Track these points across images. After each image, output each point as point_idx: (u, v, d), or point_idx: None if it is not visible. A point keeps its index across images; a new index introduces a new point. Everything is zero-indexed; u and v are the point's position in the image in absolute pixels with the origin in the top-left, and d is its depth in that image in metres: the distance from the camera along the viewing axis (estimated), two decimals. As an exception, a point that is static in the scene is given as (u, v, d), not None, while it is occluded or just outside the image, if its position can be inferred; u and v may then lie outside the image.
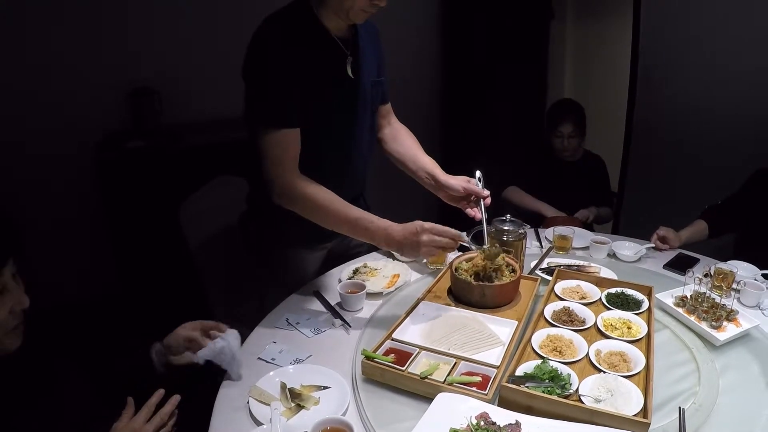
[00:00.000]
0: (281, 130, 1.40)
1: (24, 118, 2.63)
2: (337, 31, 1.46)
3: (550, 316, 1.43)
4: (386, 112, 1.76)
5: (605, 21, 3.59)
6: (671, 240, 1.93)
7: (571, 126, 2.62)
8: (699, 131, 2.88)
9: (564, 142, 2.64)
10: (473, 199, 1.57)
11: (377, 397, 1.20)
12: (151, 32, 2.80)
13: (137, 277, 2.80)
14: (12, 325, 0.99)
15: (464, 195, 1.58)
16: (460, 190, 1.57)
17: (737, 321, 1.43)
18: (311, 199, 1.41)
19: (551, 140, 2.68)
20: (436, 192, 1.64)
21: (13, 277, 1.00)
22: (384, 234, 1.38)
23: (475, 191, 1.56)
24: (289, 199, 1.44)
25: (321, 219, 1.45)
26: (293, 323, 1.50)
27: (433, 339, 1.34)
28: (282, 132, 1.40)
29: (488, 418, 1.06)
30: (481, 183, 1.58)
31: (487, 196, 1.55)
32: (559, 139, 2.64)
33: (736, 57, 2.69)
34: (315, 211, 1.43)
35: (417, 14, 3.58)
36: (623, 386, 1.15)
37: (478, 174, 1.59)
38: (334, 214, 1.41)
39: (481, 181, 1.58)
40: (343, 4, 1.37)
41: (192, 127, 2.91)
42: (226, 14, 2.96)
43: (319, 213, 1.43)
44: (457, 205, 1.61)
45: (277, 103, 1.39)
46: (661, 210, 2.01)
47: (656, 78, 3.08)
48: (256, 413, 1.14)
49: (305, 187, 1.42)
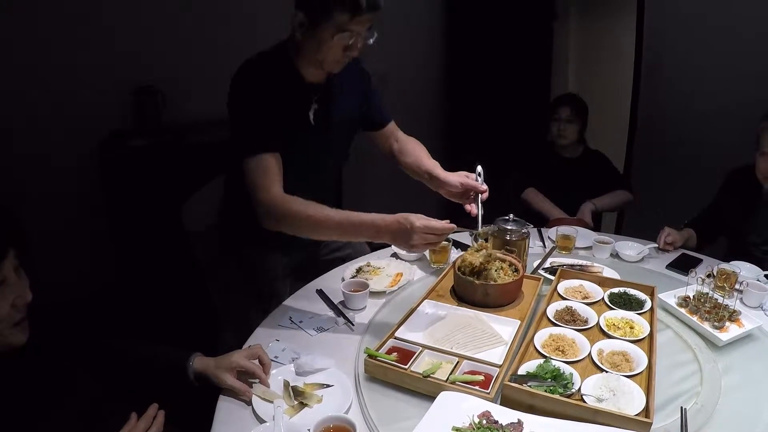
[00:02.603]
0: (260, 154, 1.45)
1: (26, 117, 2.63)
2: (313, 78, 1.55)
3: (552, 316, 1.43)
4: (391, 132, 1.82)
5: (608, 21, 3.59)
6: (676, 241, 1.93)
7: (569, 110, 2.58)
8: (703, 131, 2.88)
9: (561, 125, 2.58)
10: (472, 194, 1.57)
11: (380, 395, 1.20)
12: (153, 31, 2.80)
13: (139, 276, 2.80)
14: (15, 320, 0.99)
15: (463, 190, 1.58)
16: (457, 185, 1.58)
17: (740, 321, 1.43)
18: (296, 213, 1.42)
19: (550, 126, 2.63)
20: (438, 189, 1.65)
21: (15, 271, 0.99)
22: (373, 232, 1.37)
23: (473, 185, 1.55)
24: (275, 219, 1.45)
25: (310, 231, 1.45)
26: (296, 322, 1.51)
27: (436, 338, 1.35)
28: (260, 156, 1.45)
29: (490, 416, 1.06)
30: (481, 178, 1.58)
31: (485, 190, 1.55)
32: (556, 123, 2.59)
33: (739, 56, 2.69)
34: (302, 225, 1.43)
35: (422, 15, 3.58)
36: (625, 386, 1.15)
37: (479, 169, 1.59)
38: (321, 223, 1.40)
39: (481, 176, 1.58)
40: (316, 56, 1.46)
41: (195, 126, 2.91)
42: (228, 13, 2.97)
43: (306, 226, 1.43)
44: (459, 200, 1.61)
45: (254, 131, 1.47)
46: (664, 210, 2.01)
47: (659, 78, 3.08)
48: (259, 411, 1.14)
49: (289, 203, 1.44)
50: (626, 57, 3.20)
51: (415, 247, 1.33)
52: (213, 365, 1.22)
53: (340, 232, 1.40)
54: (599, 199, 2.55)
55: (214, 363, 1.23)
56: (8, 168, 2.57)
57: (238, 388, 1.19)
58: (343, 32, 1.39)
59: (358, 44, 1.45)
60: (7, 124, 2.57)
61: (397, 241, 1.35)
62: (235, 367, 1.22)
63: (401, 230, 1.31)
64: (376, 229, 1.35)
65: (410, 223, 1.29)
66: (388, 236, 1.35)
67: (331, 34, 1.39)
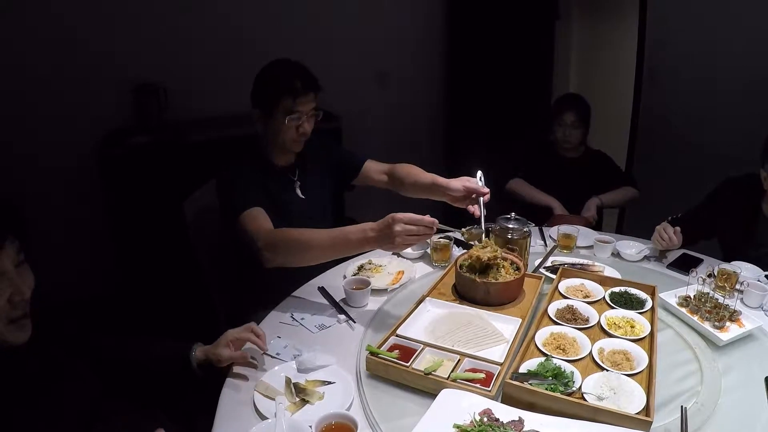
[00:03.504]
0: (249, 209, 1.61)
1: (27, 115, 2.64)
2: (284, 162, 1.81)
3: (553, 314, 1.44)
4: (374, 167, 1.93)
5: (610, 22, 3.59)
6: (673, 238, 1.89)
7: (574, 115, 2.56)
8: (704, 132, 2.88)
9: (566, 131, 2.58)
10: (474, 197, 1.62)
11: (381, 392, 1.20)
12: (155, 28, 2.80)
13: (140, 274, 2.80)
14: (12, 317, 0.97)
15: (465, 194, 1.63)
16: (460, 188, 1.63)
17: (740, 321, 1.43)
18: (288, 237, 1.52)
19: (554, 131, 2.62)
20: (442, 197, 1.69)
21: (15, 266, 0.97)
22: (361, 235, 1.41)
23: (475, 188, 1.61)
24: (272, 248, 1.52)
25: (304, 254, 1.51)
26: (298, 319, 1.51)
27: (438, 335, 1.35)
28: (249, 210, 1.61)
29: (491, 414, 1.07)
30: (482, 181, 1.63)
31: (487, 192, 1.61)
32: (561, 128, 2.58)
33: (741, 56, 2.69)
34: (297, 248, 1.50)
35: (423, 15, 3.58)
36: (626, 384, 1.15)
37: (479, 173, 1.65)
38: (313, 241, 1.48)
39: (481, 180, 1.64)
40: (277, 140, 1.72)
41: (196, 124, 2.91)
42: (230, 11, 2.97)
43: (301, 248, 1.50)
44: (461, 205, 1.65)
45: (240, 194, 1.65)
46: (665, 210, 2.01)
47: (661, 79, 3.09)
48: (260, 407, 1.15)
49: (282, 231, 1.55)
50: (628, 57, 3.21)
51: (398, 241, 1.34)
52: (210, 348, 1.28)
53: (332, 244, 1.45)
54: (605, 195, 2.54)
55: (210, 347, 1.28)
56: (8, 168, 2.57)
57: (237, 357, 1.28)
58: (291, 114, 1.66)
59: (308, 123, 1.71)
60: (7, 124, 2.58)
61: (381, 239, 1.38)
62: (231, 340, 1.28)
63: (384, 225, 1.36)
64: (363, 231, 1.40)
65: (391, 218, 1.34)
66: (374, 235, 1.38)
67: (283, 118, 1.66)
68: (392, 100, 3.62)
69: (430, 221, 1.34)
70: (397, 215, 1.34)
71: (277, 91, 1.65)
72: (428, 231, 1.36)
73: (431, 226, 1.35)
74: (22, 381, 1.02)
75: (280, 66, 1.71)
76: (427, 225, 1.34)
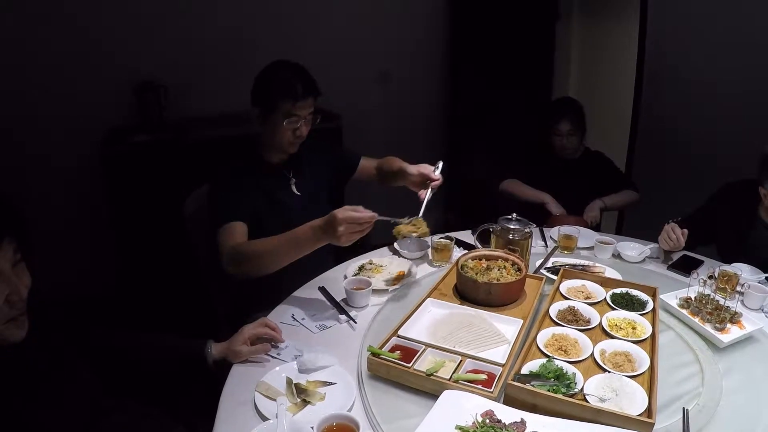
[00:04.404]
0: (227, 223, 1.64)
1: (29, 113, 2.63)
2: (278, 160, 1.83)
3: (555, 316, 1.44)
4: (366, 165, 2.02)
5: (610, 22, 3.59)
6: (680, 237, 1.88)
7: (569, 124, 2.57)
8: (705, 132, 2.87)
9: (564, 140, 2.58)
10: (428, 182, 1.69)
11: (383, 393, 1.20)
12: (156, 27, 2.80)
13: (140, 273, 2.80)
14: (10, 316, 0.96)
15: (420, 179, 1.73)
16: (415, 173, 1.73)
17: (741, 323, 1.43)
18: (245, 250, 1.56)
19: (551, 139, 2.63)
20: (404, 181, 1.79)
21: (12, 266, 0.96)
22: (310, 233, 1.45)
23: (426, 174, 1.70)
24: (232, 262, 1.56)
25: (260, 262, 1.53)
26: (298, 319, 1.51)
27: (439, 336, 1.35)
28: (228, 224, 1.64)
29: (493, 415, 1.06)
30: (438, 170, 1.72)
31: (437, 179, 1.69)
32: (559, 138, 2.59)
33: (743, 56, 2.69)
34: (252, 259, 1.54)
35: (424, 14, 3.57)
36: (628, 386, 1.15)
37: (440, 163, 1.74)
38: (268, 249, 1.51)
39: (438, 169, 1.73)
40: (273, 140, 1.75)
41: (197, 122, 2.91)
42: (231, 10, 2.96)
43: (255, 258, 1.53)
44: (417, 189, 1.72)
45: (223, 208, 1.68)
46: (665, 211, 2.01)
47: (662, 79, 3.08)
48: (262, 408, 1.14)
49: (240, 245, 1.59)
50: (629, 57, 3.20)
51: (343, 240, 1.39)
52: (227, 346, 1.30)
53: (284, 246, 1.50)
54: (608, 197, 2.55)
55: (227, 344, 1.30)
56: (8, 168, 2.57)
57: (259, 350, 1.32)
58: (290, 117, 1.68)
59: (305, 126, 1.73)
60: (7, 124, 2.57)
61: (326, 234, 1.42)
62: (249, 337, 1.31)
63: (328, 222, 1.40)
64: (311, 229, 1.44)
65: (334, 216, 1.38)
66: (320, 231, 1.42)
67: (281, 120, 1.68)
68: (392, 99, 3.61)
69: (371, 215, 1.40)
70: (338, 215, 1.37)
71: (277, 93, 1.67)
72: (368, 224, 1.41)
73: (371, 220, 1.41)
74: (20, 376, 1.01)
75: (282, 68, 1.71)
76: (368, 221, 1.40)
